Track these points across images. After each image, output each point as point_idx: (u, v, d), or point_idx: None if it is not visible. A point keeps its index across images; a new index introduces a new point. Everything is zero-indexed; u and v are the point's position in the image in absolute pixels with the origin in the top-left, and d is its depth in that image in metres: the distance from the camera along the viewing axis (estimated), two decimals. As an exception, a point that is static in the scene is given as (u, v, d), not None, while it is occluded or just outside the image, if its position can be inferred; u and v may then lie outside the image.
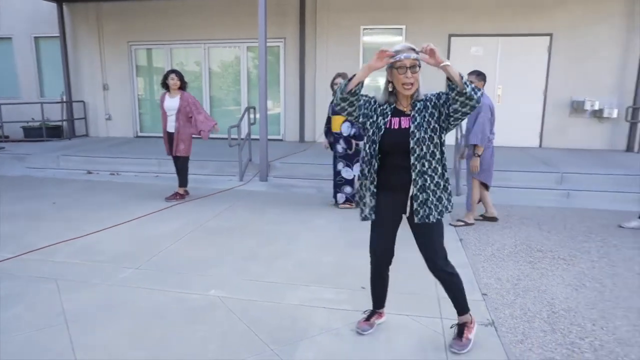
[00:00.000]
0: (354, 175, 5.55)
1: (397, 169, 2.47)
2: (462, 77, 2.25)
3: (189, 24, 10.10)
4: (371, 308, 2.90)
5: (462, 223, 5.07)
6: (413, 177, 2.43)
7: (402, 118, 2.46)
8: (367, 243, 2.74)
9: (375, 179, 2.52)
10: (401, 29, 9.32)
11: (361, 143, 5.52)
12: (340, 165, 5.58)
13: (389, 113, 2.48)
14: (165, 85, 5.90)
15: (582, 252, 4.29)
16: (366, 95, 2.54)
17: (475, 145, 4.83)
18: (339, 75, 5.49)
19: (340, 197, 5.68)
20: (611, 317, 3.08)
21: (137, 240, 4.44)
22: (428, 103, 2.45)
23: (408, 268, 3.75)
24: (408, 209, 2.54)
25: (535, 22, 8.86)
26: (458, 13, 9.06)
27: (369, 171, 2.53)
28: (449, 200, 2.52)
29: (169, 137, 5.95)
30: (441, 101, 2.41)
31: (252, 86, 10.17)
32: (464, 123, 5.16)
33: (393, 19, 9.30)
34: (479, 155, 4.85)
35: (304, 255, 4.08)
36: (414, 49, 2.38)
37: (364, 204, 2.61)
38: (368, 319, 2.85)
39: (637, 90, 8.60)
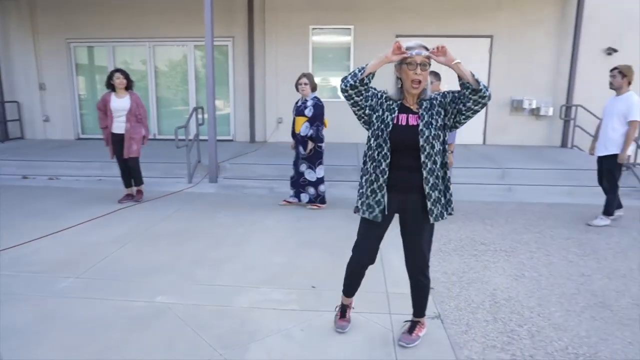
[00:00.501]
0: (317, 178, 5.55)
1: (406, 167, 2.40)
2: (473, 75, 2.24)
3: (133, 21, 9.74)
4: (340, 303, 2.89)
5: None
6: (424, 175, 2.38)
7: (409, 115, 2.42)
8: (317, 243, 2.76)
9: (387, 178, 2.42)
10: (350, 29, 9.44)
11: (323, 145, 5.52)
12: (303, 167, 5.57)
13: (396, 109, 2.44)
14: (110, 85, 5.66)
15: (522, 244, 4.51)
16: (374, 88, 2.48)
17: None
18: (304, 75, 5.48)
19: (304, 197, 5.67)
20: (547, 303, 3.25)
21: (78, 247, 4.22)
22: (434, 102, 2.43)
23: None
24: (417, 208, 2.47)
25: (477, 25, 9.23)
26: (405, 14, 9.28)
27: (379, 170, 2.42)
28: (450, 202, 2.49)
29: (116, 139, 5.71)
30: (447, 99, 2.39)
31: (200, 86, 9.95)
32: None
33: (341, 19, 9.39)
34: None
35: (254, 257, 4.04)
36: (425, 47, 2.35)
37: (372, 204, 2.47)
38: (343, 315, 2.85)
39: (570, 90, 9.16)
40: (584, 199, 6.32)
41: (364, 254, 2.63)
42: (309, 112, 5.36)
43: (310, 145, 5.43)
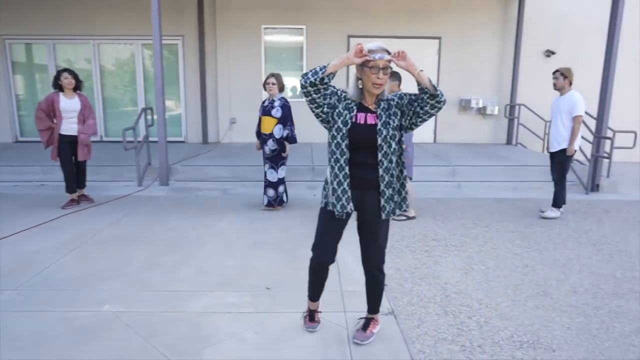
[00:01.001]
0: (278, 178, 5.49)
1: (364, 165, 2.46)
2: (431, 81, 2.33)
3: (75, 17, 9.29)
4: (307, 309, 2.89)
5: (404, 218, 5.26)
6: (380, 173, 2.45)
7: (368, 114, 2.47)
8: (269, 244, 2.72)
9: (346, 174, 2.47)
10: (302, 28, 9.45)
11: (289, 146, 5.47)
12: (266, 167, 5.50)
13: (355, 108, 2.48)
14: (57, 85, 5.42)
15: (471, 238, 4.68)
16: (334, 87, 2.51)
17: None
18: (272, 75, 5.41)
19: (264, 199, 5.61)
20: (494, 295, 3.40)
21: (17, 257, 3.98)
22: (391, 102, 2.49)
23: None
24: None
25: (426, 26, 9.49)
26: (356, 15, 9.40)
27: (338, 166, 2.48)
28: (405, 199, 2.56)
29: (65, 140, 5.47)
30: (404, 101, 2.46)
31: (149, 85, 9.64)
32: None
33: (294, 19, 9.38)
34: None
35: (208, 261, 3.96)
36: (387, 51, 2.39)
37: (334, 200, 2.50)
38: (312, 319, 2.86)
39: (513, 90, 9.61)
40: (527, 194, 6.65)
41: (323, 253, 2.64)
42: (276, 112, 5.32)
43: (288, 146, 5.39)
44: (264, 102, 5.54)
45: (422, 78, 2.33)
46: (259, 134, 5.56)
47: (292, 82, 9.70)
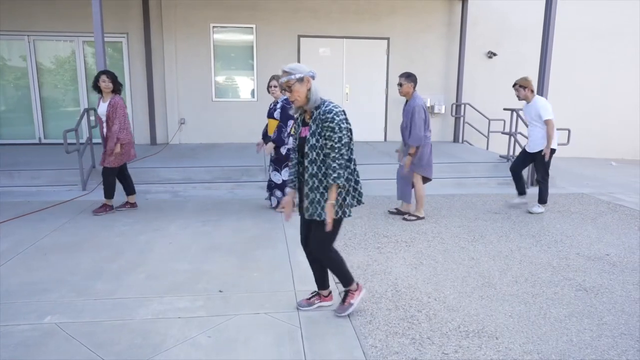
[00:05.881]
0: (282, 180, 5.42)
1: (305, 172, 2.81)
2: (341, 185, 2.71)
3: (8, 11, 8.74)
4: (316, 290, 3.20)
5: (414, 217, 5.30)
6: (306, 177, 2.77)
7: (306, 128, 2.81)
8: (221, 247, 2.74)
9: (298, 181, 2.92)
10: (252, 27, 9.37)
11: (282, 148, 5.37)
12: (270, 169, 5.48)
13: (300, 124, 2.86)
14: (97, 88, 5.29)
15: (420, 234, 4.83)
16: (295, 118, 2.93)
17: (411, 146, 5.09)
18: (273, 77, 5.33)
19: (274, 201, 5.55)
20: (442, 288, 3.53)
21: (-54, 270, 3.71)
22: (319, 116, 2.70)
23: (265, 266, 3.82)
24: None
25: (375, 27, 9.68)
26: (306, 15, 9.43)
27: (295, 175, 2.93)
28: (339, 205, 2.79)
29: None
30: (319, 129, 2.70)
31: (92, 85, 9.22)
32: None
33: (243, 18, 9.29)
34: (411, 155, 5.10)
35: (158, 266, 3.86)
36: (286, 71, 2.70)
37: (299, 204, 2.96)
38: (309, 298, 3.15)
39: (458, 90, 9.99)
40: (473, 190, 6.94)
41: (302, 244, 3.08)
42: (277, 114, 5.24)
43: (270, 146, 5.29)
44: (270, 105, 5.49)
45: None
46: (265, 135, 5.55)
47: (242, 81, 9.61)
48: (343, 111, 2.73)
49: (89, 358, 2.54)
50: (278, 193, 5.54)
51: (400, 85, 5.12)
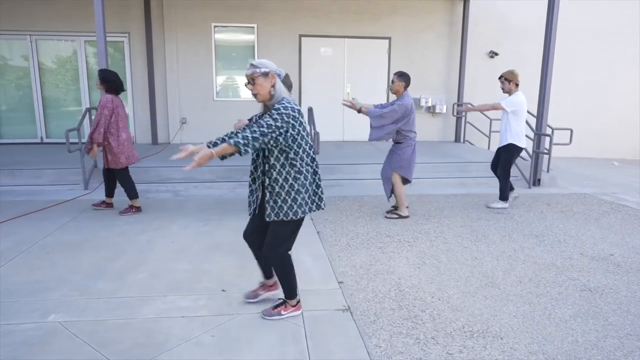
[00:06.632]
0: None
1: (265, 176, 2.76)
2: (234, 144, 2.49)
3: (8, 9, 8.73)
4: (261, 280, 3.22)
5: (396, 216, 5.29)
6: (267, 183, 2.71)
7: None
8: (222, 246, 2.75)
9: (254, 179, 2.83)
10: (253, 27, 9.36)
11: None
12: None
13: (255, 121, 2.84)
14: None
15: (423, 234, 4.82)
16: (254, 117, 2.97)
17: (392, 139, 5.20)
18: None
19: None
20: (446, 288, 3.51)
21: (-52, 269, 3.70)
22: (272, 109, 2.64)
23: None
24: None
25: (376, 27, 9.67)
26: (308, 15, 9.42)
27: (252, 173, 2.85)
28: (291, 208, 2.69)
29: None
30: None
31: (94, 84, 9.22)
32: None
33: (244, 18, 9.28)
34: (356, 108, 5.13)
35: (160, 265, 3.85)
36: (253, 65, 2.68)
37: (250, 201, 2.90)
38: (255, 289, 3.18)
39: (460, 89, 9.97)
40: (474, 189, 6.93)
41: (244, 236, 3.02)
42: None
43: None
44: None
45: (223, 152, 2.55)
46: None
47: (244, 81, 9.58)
48: (297, 110, 2.64)
49: (93, 357, 2.53)
50: None
51: (392, 82, 5.13)
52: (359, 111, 5.12)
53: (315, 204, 2.84)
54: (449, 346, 2.70)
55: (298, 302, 3.00)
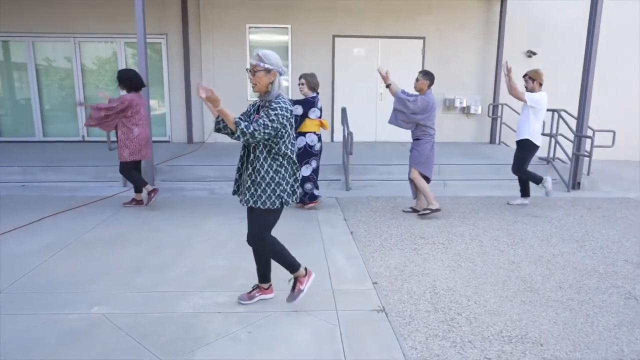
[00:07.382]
0: (303, 176, 5.51)
1: (249, 164, 2.84)
2: (236, 123, 2.61)
3: (54, 14, 9.11)
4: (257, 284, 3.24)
5: (429, 211, 5.28)
6: (249, 170, 2.81)
7: (257, 116, 2.80)
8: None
9: (240, 167, 2.94)
10: (287, 28, 9.43)
11: (315, 146, 5.51)
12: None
13: (253, 110, 2.91)
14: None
15: (458, 236, 4.74)
16: (252, 104, 2.95)
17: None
18: (301, 76, 5.49)
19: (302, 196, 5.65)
20: (482, 291, 3.45)
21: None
22: (266, 104, 2.75)
23: (301, 264, 3.83)
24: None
25: (411, 27, 9.57)
26: (341, 15, 9.42)
27: (239, 161, 2.94)
28: (269, 198, 2.81)
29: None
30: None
31: (132, 85, 9.50)
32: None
33: (278, 18, 9.36)
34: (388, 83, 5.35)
35: (197, 261, 3.93)
36: (259, 56, 2.74)
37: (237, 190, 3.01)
38: (250, 291, 3.18)
39: (496, 90, 9.76)
40: (511, 192, 6.76)
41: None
42: (295, 110, 5.36)
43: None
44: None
45: (226, 116, 2.64)
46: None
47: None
48: (290, 110, 2.75)
49: (134, 348, 2.61)
50: (308, 186, 5.59)
51: (417, 80, 5.21)
52: (388, 86, 5.28)
53: (292, 197, 2.93)
54: (486, 350, 2.65)
55: (305, 269, 3.09)
